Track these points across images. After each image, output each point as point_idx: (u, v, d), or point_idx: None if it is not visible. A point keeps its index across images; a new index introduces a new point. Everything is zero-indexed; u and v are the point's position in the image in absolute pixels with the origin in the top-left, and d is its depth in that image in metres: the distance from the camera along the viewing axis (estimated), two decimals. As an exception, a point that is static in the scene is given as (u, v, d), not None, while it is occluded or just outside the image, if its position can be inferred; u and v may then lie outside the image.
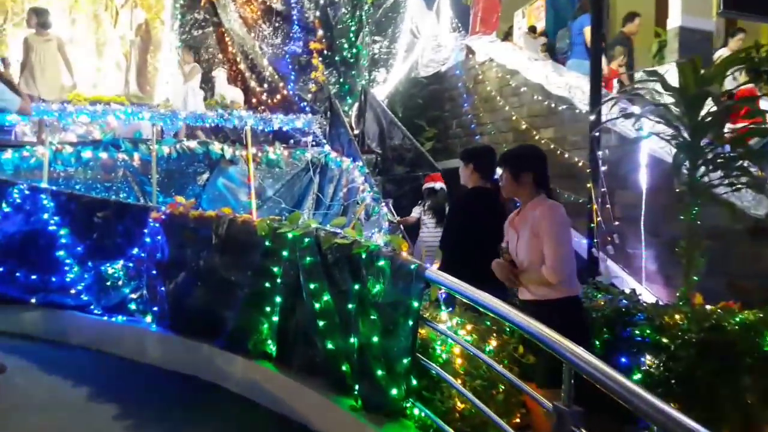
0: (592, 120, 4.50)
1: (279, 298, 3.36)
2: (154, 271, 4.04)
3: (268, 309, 3.42)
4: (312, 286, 3.10)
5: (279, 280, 3.36)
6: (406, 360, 2.62)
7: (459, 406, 2.58)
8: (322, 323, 3.05)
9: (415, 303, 2.63)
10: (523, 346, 2.76)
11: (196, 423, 3.14)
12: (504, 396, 2.64)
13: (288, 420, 3.11)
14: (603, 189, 4.50)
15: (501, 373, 2.30)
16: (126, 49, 9.10)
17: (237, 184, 5.79)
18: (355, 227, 3.29)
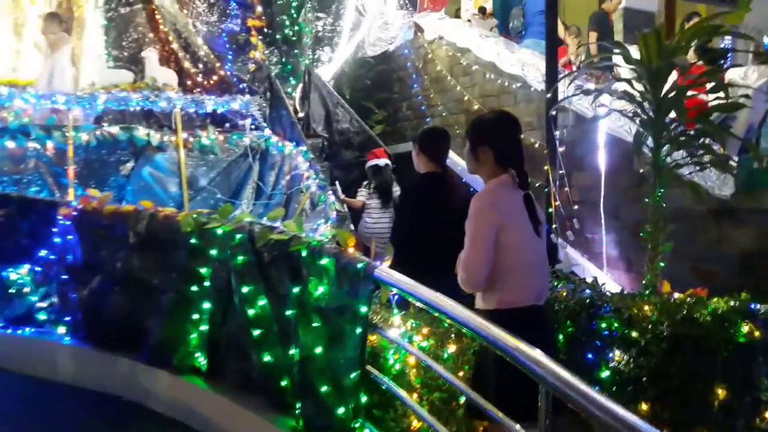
0: (548, 98, 4.30)
1: (208, 304, 3.13)
2: (66, 276, 3.76)
3: (196, 317, 3.18)
4: (245, 289, 2.88)
5: (208, 284, 3.13)
6: (354, 373, 2.39)
7: (415, 425, 2.36)
8: (257, 332, 2.85)
9: (364, 307, 2.39)
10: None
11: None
12: (465, 409, 2.39)
13: (221, 443, 2.87)
14: (561, 171, 4.32)
15: (460, 388, 2.04)
16: (46, 28, 8.35)
17: (165, 173, 5.30)
18: (296, 220, 3.05)
